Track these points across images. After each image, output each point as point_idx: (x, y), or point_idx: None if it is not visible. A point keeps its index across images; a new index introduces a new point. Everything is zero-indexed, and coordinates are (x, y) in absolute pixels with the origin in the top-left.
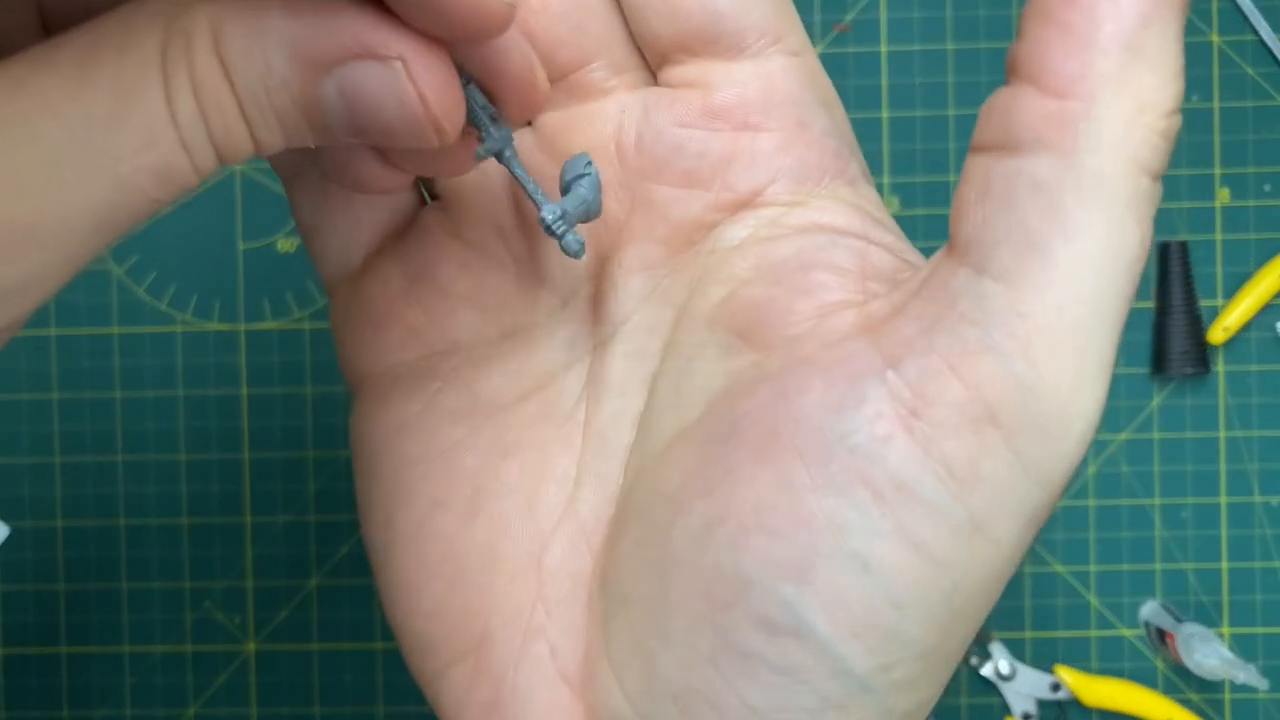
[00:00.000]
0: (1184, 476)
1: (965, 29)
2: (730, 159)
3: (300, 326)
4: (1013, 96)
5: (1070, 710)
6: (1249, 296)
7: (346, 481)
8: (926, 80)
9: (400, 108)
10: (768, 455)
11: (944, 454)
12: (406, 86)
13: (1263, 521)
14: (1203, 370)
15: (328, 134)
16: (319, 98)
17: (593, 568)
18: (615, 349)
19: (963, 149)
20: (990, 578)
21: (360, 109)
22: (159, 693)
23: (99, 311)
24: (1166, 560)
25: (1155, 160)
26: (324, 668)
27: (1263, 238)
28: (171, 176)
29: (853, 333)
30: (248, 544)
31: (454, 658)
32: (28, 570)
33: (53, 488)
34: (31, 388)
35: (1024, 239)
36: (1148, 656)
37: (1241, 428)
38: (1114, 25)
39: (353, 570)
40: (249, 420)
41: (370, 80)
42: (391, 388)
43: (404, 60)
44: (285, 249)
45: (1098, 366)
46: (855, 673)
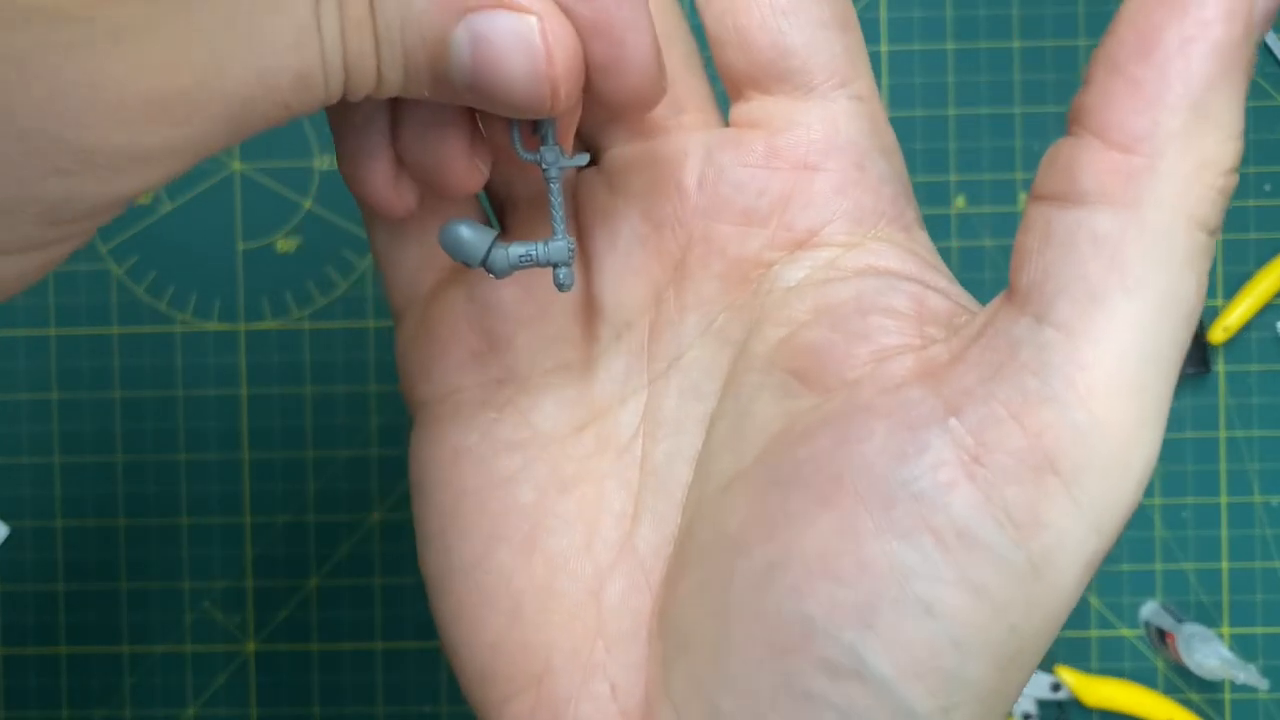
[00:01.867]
0: (1184, 476)
1: (965, 29)
2: (788, 198)
3: (300, 326)
4: (1077, 147)
5: (1070, 710)
6: (1249, 296)
7: (346, 482)
8: (926, 80)
9: (527, 62)
10: (830, 501)
11: (1005, 501)
12: (537, 42)
13: (1263, 521)
14: (1203, 370)
15: (444, 85)
16: (449, 41)
17: (651, 605)
18: (671, 385)
19: (962, 149)
20: (1049, 620)
21: (487, 58)
22: (159, 693)
23: (99, 311)
24: (1166, 560)
25: (1213, 216)
26: (324, 668)
27: (1263, 238)
28: (306, 85)
29: (911, 379)
30: (248, 544)
31: (514, 691)
32: (28, 570)
33: (53, 488)
34: (31, 388)
35: (1085, 290)
36: (1148, 656)
37: (1241, 428)
38: (1183, 85)
39: (353, 570)
40: (248, 420)
41: (503, 29)
42: (451, 416)
43: (539, 18)
44: (285, 249)
45: (1155, 413)
46: (917, 713)
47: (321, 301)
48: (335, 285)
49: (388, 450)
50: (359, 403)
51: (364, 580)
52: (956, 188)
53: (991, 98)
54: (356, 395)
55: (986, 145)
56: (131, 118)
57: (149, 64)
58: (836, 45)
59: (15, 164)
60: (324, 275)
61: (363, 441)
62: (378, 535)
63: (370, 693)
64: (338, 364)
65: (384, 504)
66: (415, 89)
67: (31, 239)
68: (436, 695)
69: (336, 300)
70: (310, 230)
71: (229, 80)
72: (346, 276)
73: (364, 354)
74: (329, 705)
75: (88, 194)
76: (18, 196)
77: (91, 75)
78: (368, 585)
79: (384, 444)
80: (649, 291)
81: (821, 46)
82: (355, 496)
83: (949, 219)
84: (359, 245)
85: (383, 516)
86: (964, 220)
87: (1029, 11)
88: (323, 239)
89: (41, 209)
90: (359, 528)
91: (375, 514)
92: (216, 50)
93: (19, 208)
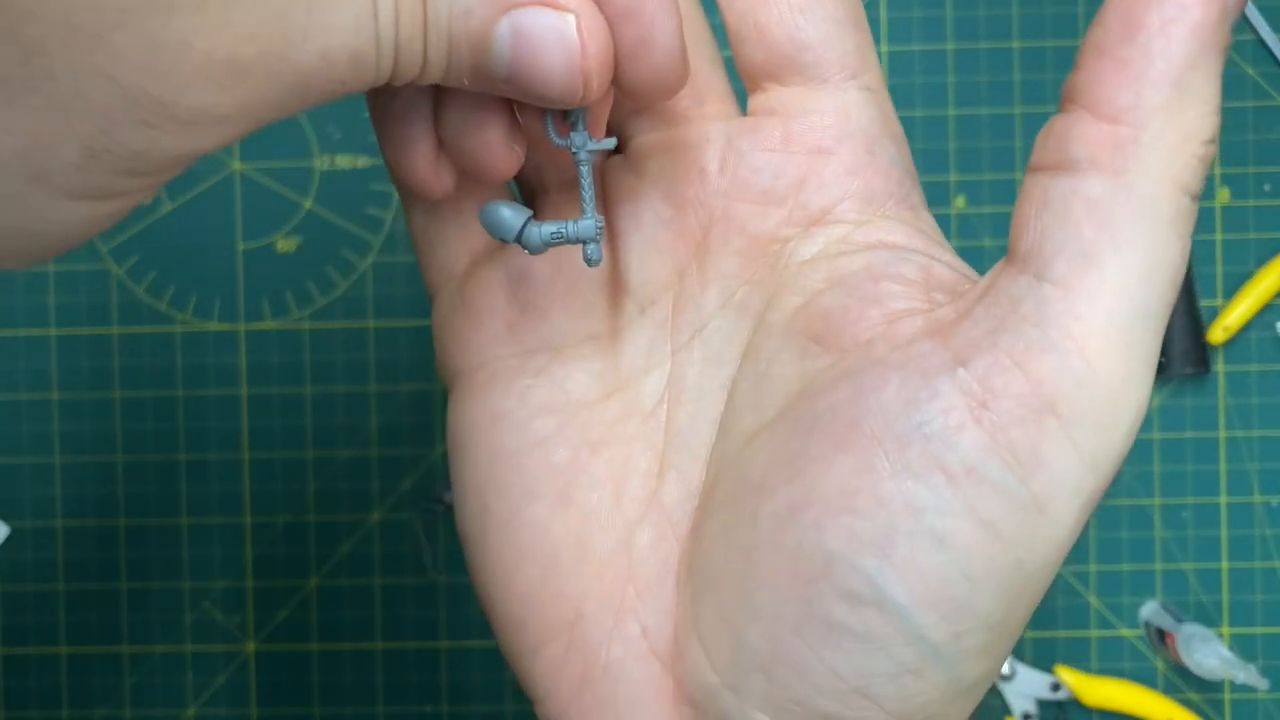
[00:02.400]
0: (1184, 476)
1: (965, 29)
2: (803, 179)
3: (300, 326)
4: (1069, 121)
5: (1070, 710)
6: (1249, 296)
7: (346, 481)
8: (926, 80)
9: (564, 57)
10: (849, 444)
11: (1010, 441)
12: (574, 38)
13: (1263, 521)
14: (1203, 370)
15: (483, 75)
16: (492, 34)
17: (679, 553)
18: (693, 354)
19: (962, 149)
20: (1050, 555)
21: (526, 51)
22: (159, 693)
23: (99, 311)
24: (1166, 560)
25: (1195, 182)
26: (324, 668)
27: (1262, 238)
28: (360, 65)
29: (921, 336)
30: (248, 544)
31: (547, 637)
32: (28, 570)
33: (53, 488)
34: (31, 388)
35: (1079, 250)
36: (1148, 656)
37: (1241, 428)
38: (1165, 63)
39: (353, 570)
40: (248, 420)
41: (543, 24)
42: (488, 383)
43: (577, 15)
44: (284, 249)
45: (1144, 364)
46: (930, 640)
47: (321, 301)
48: (335, 285)
49: (388, 450)
50: (359, 403)
51: (364, 580)
52: (956, 188)
53: (991, 98)
54: (356, 395)
55: (986, 145)
56: (212, 78)
57: (230, 30)
58: (849, 41)
59: (104, 113)
60: (324, 275)
61: (363, 441)
62: (378, 535)
63: (370, 693)
64: (338, 364)
65: (384, 504)
66: (455, 77)
67: (105, 188)
68: (437, 695)
69: (336, 300)
70: (310, 230)
71: (297, 52)
72: (346, 276)
73: (364, 354)
74: (329, 705)
75: (165, 147)
76: (103, 144)
77: (181, 36)
78: (368, 585)
79: (384, 444)
80: (672, 268)
81: (835, 42)
82: (355, 496)
83: (949, 219)
84: (359, 245)
85: (383, 517)
86: (964, 220)
87: (1029, 11)
88: (323, 239)
89: (121, 158)
90: (359, 528)
91: (375, 514)
92: (287, 24)
93: (102, 154)
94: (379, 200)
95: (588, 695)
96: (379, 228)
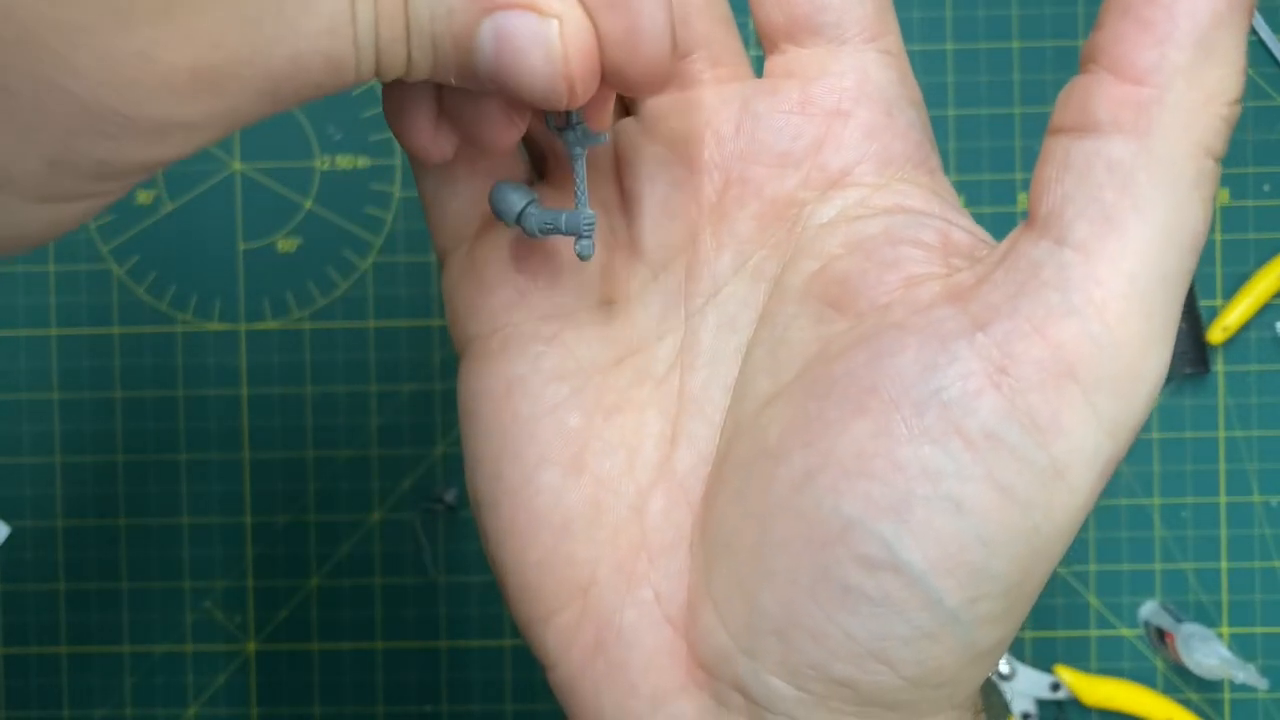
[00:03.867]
0: (1184, 476)
1: (965, 29)
2: (822, 141)
3: (300, 326)
4: (1091, 83)
5: (1070, 710)
6: (1248, 296)
7: (347, 481)
8: (927, 80)
9: (546, 63)
10: (866, 409)
11: (1029, 406)
12: (556, 43)
13: (1262, 521)
14: (1202, 370)
15: (469, 74)
16: (475, 35)
17: (692, 519)
18: (708, 320)
19: (963, 149)
20: (1067, 521)
21: (508, 54)
22: (159, 693)
23: (99, 311)
24: (1166, 560)
25: (1218, 144)
26: (324, 668)
27: (1262, 238)
28: (338, 69)
29: (940, 301)
30: (248, 544)
31: (560, 604)
32: (28, 570)
33: (53, 488)
34: (31, 388)
35: (1100, 213)
36: (1147, 656)
37: (1241, 428)
38: (1189, 22)
39: (353, 570)
40: (249, 420)
41: (525, 29)
42: (500, 349)
43: (560, 20)
44: (285, 249)
45: (1163, 330)
46: (946, 605)
47: (322, 301)
48: (335, 285)
49: (388, 450)
50: (359, 403)
51: (364, 580)
52: (957, 188)
53: (991, 98)
54: (357, 395)
55: (986, 145)
56: (175, 89)
57: (195, 39)
58: (869, 3)
59: (64, 126)
60: (324, 275)
61: (363, 441)
62: (378, 535)
63: (370, 693)
64: (338, 364)
65: (384, 504)
66: (442, 76)
67: (75, 191)
68: (437, 695)
69: (337, 300)
70: (310, 230)
71: (266, 59)
72: (347, 276)
73: (364, 354)
74: (329, 705)
75: (129, 156)
76: (64, 155)
77: (142, 49)
78: (368, 585)
79: (384, 444)
80: (686, 233)
81: (854, 3)
82: (355, 496)
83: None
84: (359, 245)
85: (383, 516)
86: None
87: (1029, 11)
88: (323, 239)
89: (85, 166)
90: (359, 528)
91: (375, 514)
92: (256, 30)
93: (66, 165)
94: (379, 200)
95: (600, 661)
96: (379, 228)
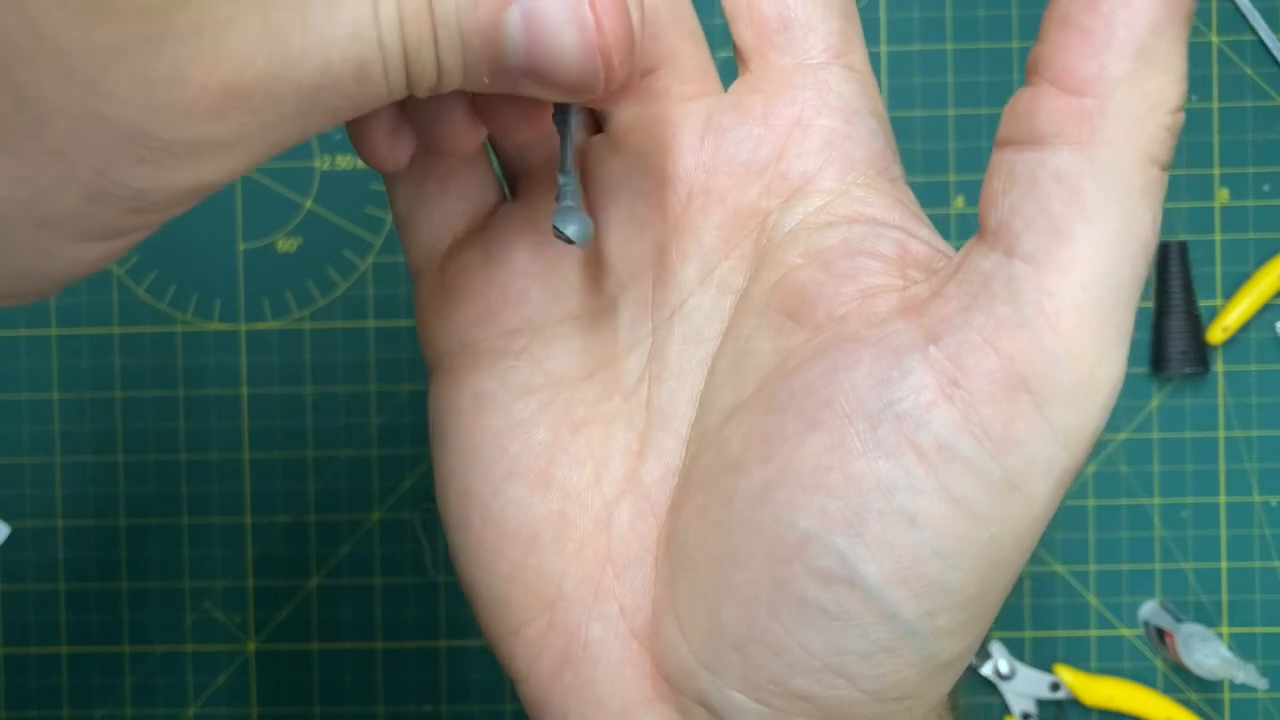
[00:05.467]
0: (1183, 476)
1: (965, 29)
2: (783, 150)
3: (300, 326)
4: (1035, 95)
5: (1070, 710)
6: (1248, 296)
7: (347, 481)
8: (926, 80)
9: (578, 35)
10: (821, 423)
11: (982, 419)
12: (587, 14)
13: (1262, 521)
14: (1202, 370)
15: (500, 70)
16: (503, 23)
17: (658, 533)
18: (674, 331)
19: (962, 149)
20: (1024, 532)
21: (539, 34)
22: (159, 693)
23: (99, 311)
24: (1166, 560)
25: (1163, 152)
26: (324, 668)
27: (1262, 238)
28: (367, 78)
29: (895, 312)
30: (248, 544)
31: (528, 616)
32: (28, 570)
33: (53, 488)
34: (32, 388)
35: (1049, 224)
36: (1147, 656)
37: (1241, 428)
38: (1127, 32)
39: (353, 570)
40: (249, 420)
41: (553, 6)
42: (469, 364)
43: None
44: (285, 249)
45: (1117, 338)
46: (903, 618)
47: (322, 301)
48: (335, 285)
49: (388, 450)
50: (359, 403)
51: (364, 580)
52: (956, 188)
53: (991, 98)
54: (357, 395)
55: (986, 145)
56: (208, 108)
57: (225, 57)
58: (834, 23)
59: (101, 154)
60: (324, 275)
61: (363, 441)
62: (378, 535)
63: (370, 693)
64: (338, 364)
65: (384, 504)
66: (475, 78)
67: (113, 226)
68: (436, 695)
69: (337, 300)
70: (310, 230)
71: (296, 70)
72: (347, 276)
73: (364, 354)
74: (329, 705)
75: (167, 182)
76: (103, 186)
77: (174, 69)
78: (368, 585)
79: (384, 444)
80: (652, 245)
81: (819, 22)
82: (355, 496)
83: (948, 219)
84: (359, 245)
85: (383, 516)
86: (963, 220)
87: (1028, 12)
88: (323, 239)
89: (124, 198)
90: (359, 528)
91: (375, 514)
92: (285, 44)
93: (105, 197)
94: (379, 200)
95: (568, 674)
96: (379, 228)
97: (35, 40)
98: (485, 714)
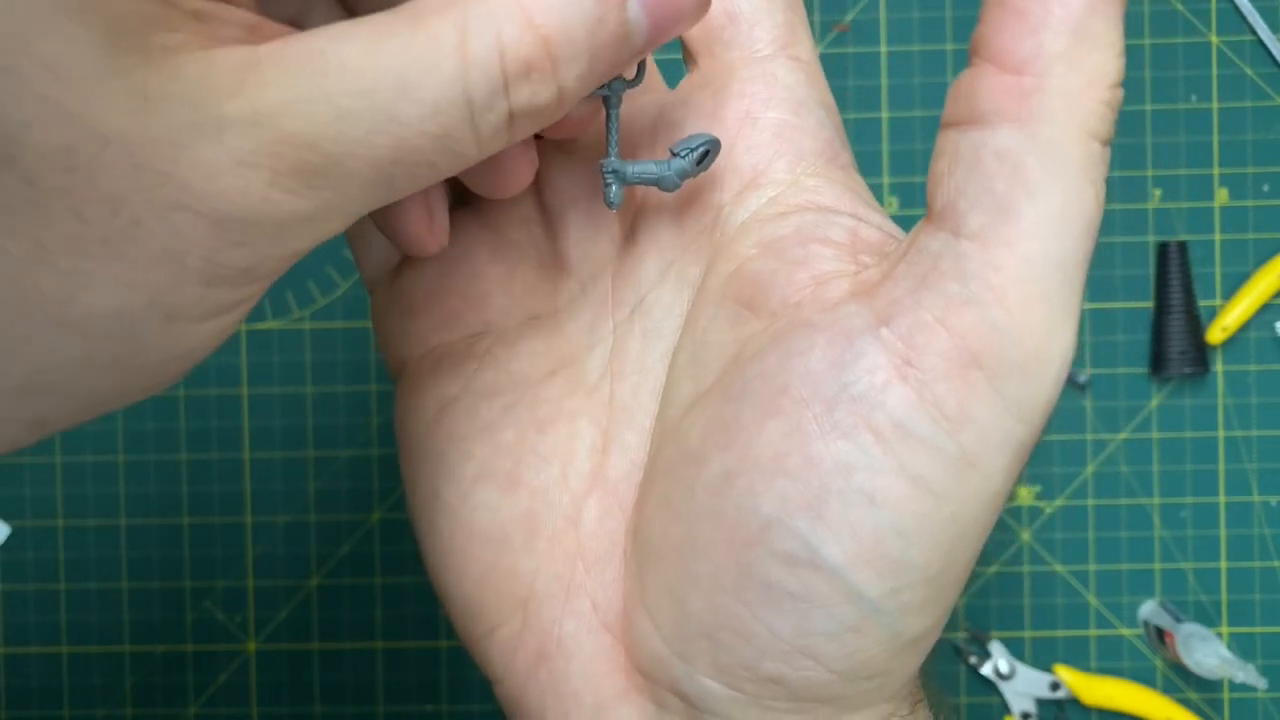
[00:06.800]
0: (1183, 476)
1: (965, 29)
2: (733, 144)
3: (300, 326)
4: (975, 75)
5: (1070, 709)
6: (1247, 296)
7: (347, 481)
8: (926, 80)
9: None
10: (779, 408)
11: (936, 396)
12: None
13: (1262, 521)
14: (1201, 370)
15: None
16: (627, 20)
17: (625, 527)
18: (635, 327)
19: None
20: (984, 507)
21: (662, 14)
22: (159, 692)
23: None
24: (1166, 560)
25: (1103, 127)
26: (324, 667)
27: (1261, 238)
28: (453, 147)
29: (847, 297)
30: (248, 544)
31: (502, 617)
32: (28, 570)
33: (53, 487)
34: None
35: (992, 202)
36: (1147, 656)
37: (1240, 428)
38: (1063, 10)
39: (353, 570)
40: (249, 420)
41: None
42: (432, 371)
43: None
44: None
45: (1064, 312)
46: (867, 597)
47: (322, 301)
48: (336, 285)
49: (388, 450)
50: (359, 402)
51: (364, 580)
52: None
53: None
54: (357, 395)
55: None
56: (284, 189)
57: (289, 143)
58: (779, 15)
59: (202, 244)
60: (325, 275)
61: (363, 441)
62: (378, 535)
63: (370, 692)
64: (338, 364)
65: (384, 504)
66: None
67: (233, 299)
68: (437, 695)
69: (337, 300)
70: None
71: (371, 149)
72: (347, 276)
73: (364, 354)
74: (329, 705)
75: (268, 254)
76: (215, 271)
77: (237, 156)
78: (368, 585)
79: (384, 443)
80: (610, 244)
81: (764, 15)
82: (355, 496)
83: None
84: None
85: (383, 516)
86: None
87: None
88: None
89: (233, 276)
90: (359, 527)
91: (376, 514)
92: (351, 126)
93: (218, 280)
94: None
95: (543, 672)
96: None
97: (102, 145)
98: (485, 714)
